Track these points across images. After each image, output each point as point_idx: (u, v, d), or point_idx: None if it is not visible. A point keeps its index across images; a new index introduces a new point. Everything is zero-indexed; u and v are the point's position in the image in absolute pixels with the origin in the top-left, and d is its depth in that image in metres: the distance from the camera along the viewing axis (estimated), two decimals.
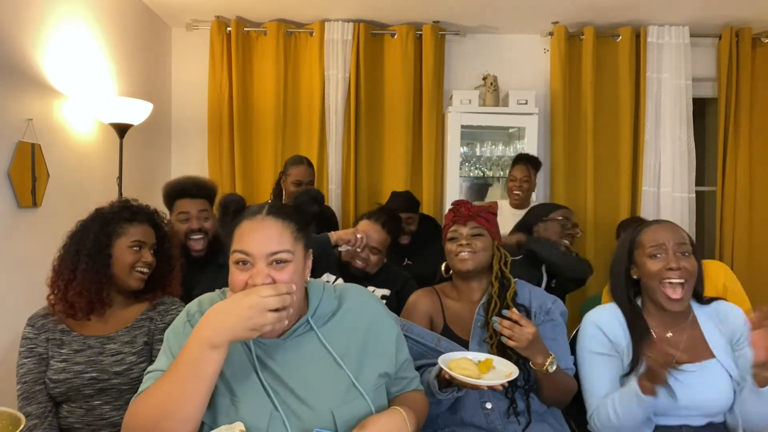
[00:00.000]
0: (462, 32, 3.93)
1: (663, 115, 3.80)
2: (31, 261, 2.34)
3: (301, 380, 1.18)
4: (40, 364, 1.58)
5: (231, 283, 1.17)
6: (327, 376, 1.20)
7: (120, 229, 1.65)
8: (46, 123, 2.53)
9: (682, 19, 3.74)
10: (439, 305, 1.77)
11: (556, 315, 1.70)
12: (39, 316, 1.64)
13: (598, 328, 1.62)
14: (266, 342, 1.20)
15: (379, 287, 2.36)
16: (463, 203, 1.78)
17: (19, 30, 2.34)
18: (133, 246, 1.64)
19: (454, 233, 1.75)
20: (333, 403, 1.17)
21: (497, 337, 1.58)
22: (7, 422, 1.19)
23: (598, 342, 1.61)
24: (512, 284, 1.70)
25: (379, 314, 1.34)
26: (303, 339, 1.22)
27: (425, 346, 1.64)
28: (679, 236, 1.56)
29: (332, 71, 3.78)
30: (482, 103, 3.74)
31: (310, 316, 1.24)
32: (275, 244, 1.16)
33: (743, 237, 3.82)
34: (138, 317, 1.66)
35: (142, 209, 1.73)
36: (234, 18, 3.78)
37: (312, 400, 1.16)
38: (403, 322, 1.69)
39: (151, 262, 1.67)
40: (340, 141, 3.82)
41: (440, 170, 3.87)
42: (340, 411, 1.17)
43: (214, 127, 3.83)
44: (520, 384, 1.58)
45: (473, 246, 1.71)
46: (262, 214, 1.20)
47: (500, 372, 1.40)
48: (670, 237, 1.55)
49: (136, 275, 1.65)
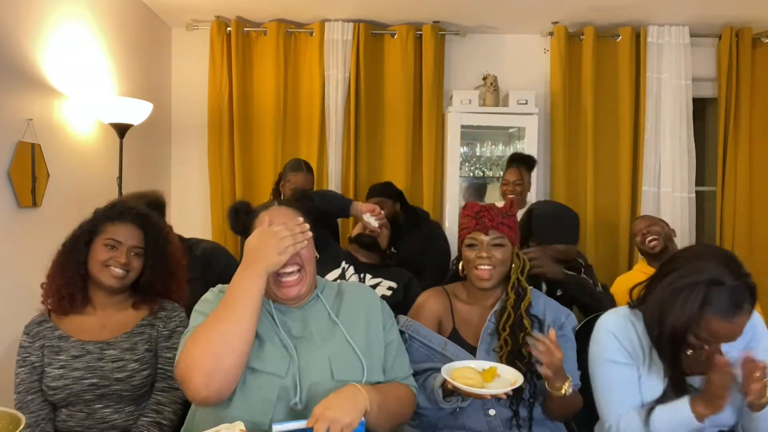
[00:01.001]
0: (462, 32, 3.93)
1: (663, 115, 3.80)
2: (31, 261, 2.33)
3: (309, 332, 1.39)
4: (32, 373, 1.57)
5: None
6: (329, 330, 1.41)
7: (101, 226, 1.65)
8: (46, 123, 2.53)
9: (682, 19, 3.74)
10: (449, 307, 1.73)
11: (568, 330, 1.67)
12: (34, 323, 1.63)
13: (613, 335, 1.54)
14: (283, 309, 1.41)
15: (387, 279, 2.40)
16: (486, 213, 1.66)
17: (19, 30, 2.33)
18: (107, 244, 1.62)
19: (474, 240, 1.66)
20: (335, 348, 1.37)
21: (507, 347, 1.57)
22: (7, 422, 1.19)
23: (615, 350, 1.53)
24: (528, 295, 1.64)
25: (374, 304, 1.51)
26: (314, 307, 1.45)
27: (431, 349, 1.62)
28: (737, 333, 1.39)
29: (332, 71, 3.79)
30: (482, 103, 3.74)
31: (320, 291, 1.48)
32: (295, 222, 1.36)
33: (743, 237, 3.82)
34: (138, 323, 1.65)
35: (130, 210, 1.70)
36: (234, 18, 3.78)
37: (318, 346, 1.37)
38: (411, 322, 1.66)
39: (124, 263, 1.62)
40: (340, 141, 3.82)
41: (440, 170, 3.87)
42: (337, 358, 1.36)
43: (214, 127, 3.83)
44: (525, 397, 1.56)
45: (493, 258, 1.63)
46: (275, 205, 1.45)
47: (504, 380, 1.39)
48: (728, 337, 1.39)
49: (107, 272, 1.61)
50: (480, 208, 1.69)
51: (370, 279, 2.40)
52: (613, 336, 1.54)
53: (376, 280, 2.40)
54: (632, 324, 1.54)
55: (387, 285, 2.38)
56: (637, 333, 1.52)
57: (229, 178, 3.82)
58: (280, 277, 1.36)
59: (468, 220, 1.70)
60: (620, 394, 1.50)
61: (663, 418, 1.42)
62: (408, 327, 1.65)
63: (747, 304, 1.37)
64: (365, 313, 1.46)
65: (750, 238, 3.84)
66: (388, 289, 2.37)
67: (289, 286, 1.37)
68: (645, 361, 1.50)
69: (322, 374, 1.32)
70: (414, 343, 1.63)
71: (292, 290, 1.38)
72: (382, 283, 2.38)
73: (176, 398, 1.61)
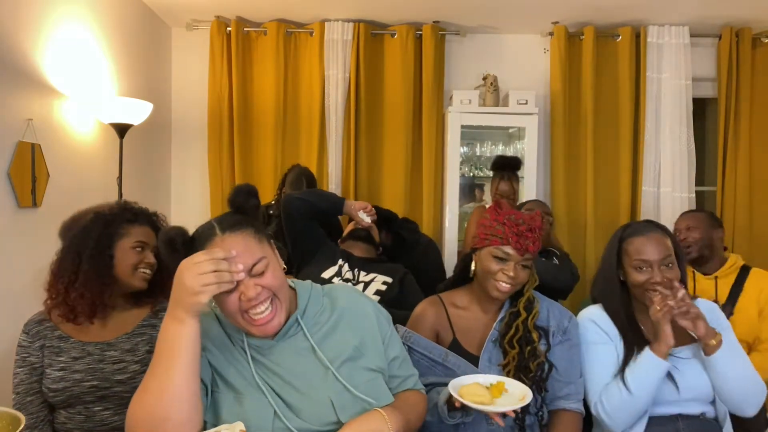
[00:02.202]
0: (462, 32, 3.93)
1: (663, 115, 3.80)
2: (31, 261, 2.34)
3: (297, 375, 1.23)
4: (31, 374, 1.55)
5: (226, 309, 1.19)
6: (319, 372, 1.25)
7: (122, 230, 1.63)
8: (46, 123, 2.53)
9: (682, 19, 3.73)
10: (445, 318, 1.69)
11: (573, 335, 1.66)
12: (34, 322, 1.61)
13: (593, 322, 1.72)
14: (260, 343, 1.25)
15: (382, 274, 2.39)
16: (531, 234, 1.56)
17: (19, 30, 2.34)
18: (136, 247, 1.63)
19: (505, 255, 1.58)
20: (331, 391, 1.22)
21: (514, 362, 1.55)
22: (7, 422, 1.19)
23: (594, 332, 1.70)
24: (536, 308, 1.62)
25: (368, 311, 1.37)
26: (295, 339, 1.28)
27: (432, 361, 1.59)
28: (664, 249, 1.64)
29: (332, 71, 3.78)
30: (482, 103, 3.74)
31: (300, 315, 1.29)
32: (248, 258, 1.17)
33: (743, 237, 3.82)
34: (139, 323, 1.64)
35: (142, 211, 1.72)
36: (234, 18, 3.78)
37: (310, 391, 1.22)
38: (410, 334, 1.63)
39: (153, 263, 1.66)
40: (340, 141, 3.82)
41: (440, 170, 3.86)
42: (338, 398, 1.22)
43: (214, 127, 3.82)
44: (533, 411, 1.54)
45: (518, 279, 1.58)
46: (218, 235, 1.18)
47: (512, 395, 1.37)
48: (655, 251, 1.64)
49: (139, 276, 1.63)
50: (526, 227, 1.57)
51: (365, 275, 2.38)
52: (592, 322, 1.72)
53: (370, 276, 2.38)
54: (607, 317, 1.73)
55: (382, 280, 2.36)
56: (611, 324, 1.71)
57: (229, 178, 3.81)
58: (249, 314, 1.18)
59: (505, 229, 1.58)
60: (601, 372, 1.64)
61: (634, 373, 1.57)
62: (407, 339, 1.61)
63: (658, 227, 1.69)
64: (359, 338, 1.31)
65: (750, 238, 3.84)
66: (383, 284, 2.34)
67: (262, 324, 1.19)
68: (620, 341, 1.67)
69: (325, 418, 1.20)
70: (414, 354, 1.59)
71: (269, 327, 1.20)
72: (376, 279, 2.36)
73: None
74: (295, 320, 1.28)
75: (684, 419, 1.59)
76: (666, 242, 1.66)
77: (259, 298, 1.17)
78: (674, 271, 1.64)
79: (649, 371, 1.55)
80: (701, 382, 1.60)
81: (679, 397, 1.59)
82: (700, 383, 1.60)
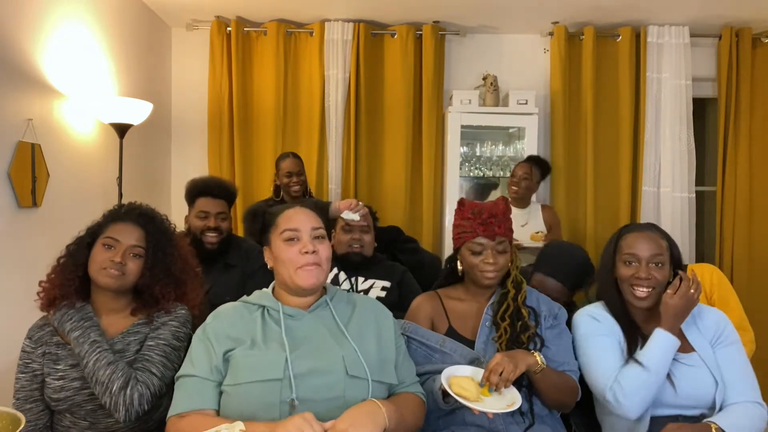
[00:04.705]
0: (462, 32, 3.93)
1: (663, 115, 3.80)
2: (31, 261, 2.33)
3: (317, 338, 1.42)
4: (32, 381, 1.54)
5: (284, 258, 1.45)
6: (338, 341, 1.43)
7: (105, 227, 1.61)
8: (46, 123, 2.53)
9: (682, 19, 3.74)
10: (440, 308, 1.76)
11: (562, 321, 1.71)
12: (36, 327, 1.59)
13: (592, 318, 1.72)
14: (293, 312, 1.46)
15: (380, 279, 2.37)
16: (494, 218, 1.67)
17: (19, 30, 2.34)
18: (105, 243, 1.58)
19: (479, 247, 1.67)
20: (345, 351, 1.39)
21: (506, 335, 1.61)
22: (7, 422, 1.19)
23: (595, 327, 1.70)
24: (524, 287, 1.70)
25: (386, 311, 1.58)
26: (324, 316, 1.48)
27: (430, 348, 1.64)
28: (655, 247, 1.65)
29: (332, 71, 3.79)
30: (482, 103, 3.74)
31: (329, 298, 1.51)
32: (315, 221, 1.50)
33: (743, 237, 3.82)
34: (132, 324, 1.60)
35: (134, 209, 1.66)
36: (234, 18, 3.78)
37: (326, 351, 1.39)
38: (408, 324, 1.69)
39: (119, 261, 1.55)
40: (340, 141, 3.82)
41: (440, 170, 3.87)
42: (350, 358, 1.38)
43: (214, 127, 3.83)
44: (524, 384, 1.56)
45: (498, 264, 1.67)
46: (295, 206, 1.54)
47: (502, 399, 1.41)
48: (646, 248, 1.65)
49: (104, 273, 1.55)
50: (487, 214, 1.67)
51: (363, 282, 2.37)
52: (592, 318, 1.72)
53: (368, 283, 2.36)
54: (606, 311, 1.74)
55: (380, 285, 2.35)
56: (611, 315, 1.71)
57: (229, 178, 3.80)
58: (301, 266, 1.43)
59: (471, 223, 1.68)
60: (609, 359, 1.63)
61: (647, 353, 1.58)
62: (406, 328, 1.68)
63: (657, 229, 1.70)
64: (376, 325, 1.50)
65: (750, 238, 3.84)
66: (382, 289, 2.34)
67: (310, 268, 1.43)
68: (622, 336, 1.67)
69: (335, 373, 1.36)
70: (412, 343, 1.66)
71: (312, 275, 1.44)
72: (375, 285, 2.36)
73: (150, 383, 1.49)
74: (325, 301, 1.50)
75: (684, 420, 1.58)
76: (660, 242, 1.66)
77: (312, 258, 1.43)
78: (663, 272, 1.64)
79: (662, 346, 1.56)
80: (699, 385, 1.59)
81: (677, 399, 1.58)
82: (698, 392, 1.59)
